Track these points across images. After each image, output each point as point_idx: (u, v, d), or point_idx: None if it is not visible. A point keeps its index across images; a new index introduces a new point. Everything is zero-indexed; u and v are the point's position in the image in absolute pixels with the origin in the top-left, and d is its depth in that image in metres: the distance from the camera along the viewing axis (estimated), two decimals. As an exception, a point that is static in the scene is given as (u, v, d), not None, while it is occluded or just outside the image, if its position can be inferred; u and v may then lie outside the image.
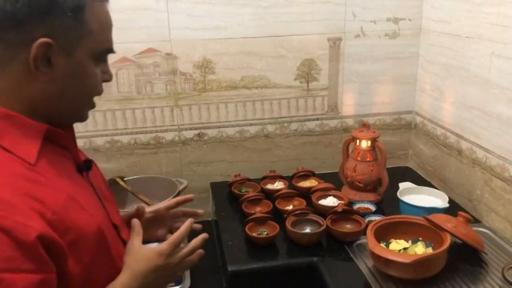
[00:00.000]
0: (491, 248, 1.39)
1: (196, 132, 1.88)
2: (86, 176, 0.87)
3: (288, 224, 1.46)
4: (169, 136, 1.87)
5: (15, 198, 0.67)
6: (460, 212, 1.36)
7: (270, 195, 1.70)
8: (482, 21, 1.49)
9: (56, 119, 0.80)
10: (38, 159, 0.74)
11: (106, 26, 0.80)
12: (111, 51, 0.82)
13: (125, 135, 1.83)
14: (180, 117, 1.85)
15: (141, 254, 0.85)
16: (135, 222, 0.91)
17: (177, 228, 0.94)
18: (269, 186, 1.78)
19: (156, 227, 1.10)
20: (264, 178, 1.84)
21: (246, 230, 1.47)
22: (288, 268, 1.40)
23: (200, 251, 0.94)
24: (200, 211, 1.14)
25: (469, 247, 1.30)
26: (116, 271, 0.84)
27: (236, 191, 1.75)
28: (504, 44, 1.40)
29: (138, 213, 1.04)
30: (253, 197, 1.65)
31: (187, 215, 1.13)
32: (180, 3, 1.70)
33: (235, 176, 1.83)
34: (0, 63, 0.74)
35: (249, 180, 1.82)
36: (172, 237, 0.88)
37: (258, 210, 1.57)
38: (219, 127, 1.89)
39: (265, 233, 1.48)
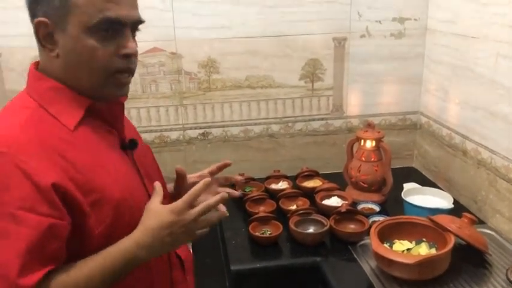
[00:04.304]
0: (495, 250, 1.38)
1: (200, 131, 1.88)
2: (130, 154, 0.93)
3: (291, 224, 1.46)
4: (173, 135, 1.87)
5: (43, 151, 0.76)
6: (465, 213, 1.36)
7: (274, 195, 1.70)
8: (488, 21, 1.48)
9: (86, 93, 0.85)
10: (78, 128, 0.83)
11: None
12: (111, 21, 0.80)
13: (130, 134, 1.83)
14: (185, 117, 1.85)
15: (155, 211, 0.87)
16: (156, 183, 0.93)
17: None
18: (273, 186, 1.78)
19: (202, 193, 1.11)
20: (268, 178, 1.84)
21: (250, 229, 1.47)
22: (291, 268, 1.40)
23: (223, 211, 0.94)
24: (241, 178, 1.18)
25: (473, 248, 1.30)
26: None
27: (240, 190, 1.75)
28: (510, 44, 1.39)
29: (179, 175, 1.09)
30: (257, 197, 1.65)
31: (229, 180, 1.17)
32: (185, 3, 1.71)
33: (239, 174, 1.83)
34: (38, 46, 0.85)
35: (253, 179, 1.82)
36: (186, 195, 0.87)
37: (262, 210, 1.57)
38: (224, 126, 1.89)
39: (269, 232, 1.48)
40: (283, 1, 1.76)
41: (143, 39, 1.78)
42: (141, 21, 0.86)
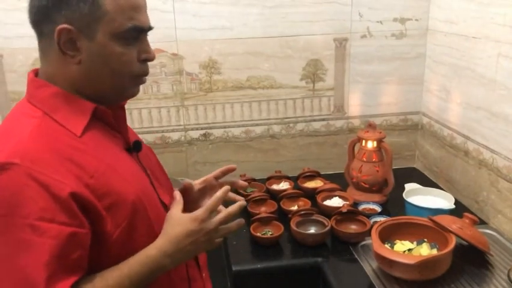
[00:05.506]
0: (497, 250, 1.38)
1: (202, 132, 1.89)
2: (136, 156, 0.94)
3: (292, 224, 1.47)
4: (175, 136, 1.87)
5: (55, 160, 0.76)
6: (466, 214, 1.35)
7: (275, 196, 1.70)
8: (489, 21, 1.48)
9: (102, 99, 0.86)
10: (84, 133, 0.82)
11: (125, 5, 0.81)
12: (138, 29, 0.83)
13: (131, 134, 1.84)
14: (186, 117, 1.86)
15: (177, 219, 0.88)
16: (176, 193, 0.95)
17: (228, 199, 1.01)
18: (274, 187, 1.79)
19: (207, 197, 1.13)
20: (269, 178, 1.84)
21: (251, 229, 1.47)
22: (292, 268, 1.40)
23: (239, 219, 0.94)
24: (244, 183, 1.17)
25: (475, 249, 1.30)
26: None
27: (241, 191, 1.75)
28: (511, 44, 1.39)
29: (186, 189, 1.08)
30: (258, 197, 1.65)
31: (233, 184, 1.15)
32: (186, 4, 1.71)
33: (240, 176, 1.83)
34: (45, 52, 0.84)
35: (255, 180, 1.82)
36: (207, 203, 0.89)
37: (263, 210, 1.57)
38: (225, 127, 1.90)
39: (270, 233, 1.48)
40: (284, 2, 1.76)
41: (144, 40, 1.80)
42: (151, 28, 0.89)
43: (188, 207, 1.11)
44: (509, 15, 1.39)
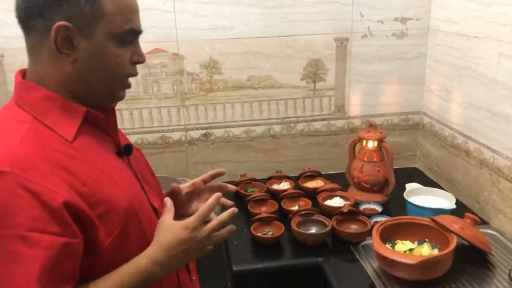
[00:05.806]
0: (498, 250, 1.38)
1: (202, 132, 1.89)
2: (127, 160, 0.92)
3: (293, 224, 1.46)
4: (175, 136, 1.87)
5: (47, 167, 0.73)
6: (467, 214, 1.35)
7: (276, 196, 1.70)
8: (490, 21, 1.48)
9: (92, 101, 0.84)
10: (76, 138, 0.80)
11: (124, 7, 0.81)
12: (134, 32, 0.83)
13: (132, 135, 1.84)
14: (187, 117, 1.86)
15: (169, 227, 0.87)
16: (167, 199, 0.94)
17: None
18: (275, 187, 1.78)
19: (194, 201, 1.12)
20: (270, 178, 1.84)
21: (251, 230, 1.47)
22: (292, 268, 1.40)
23: (230, 226, 0.94)
24: (233, 187, 1.16)
25: (476, 249, 1.29)
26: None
27: (242, 191, 1.75)
28: (512, 44, 1.39)
29: (174, 193, 1.07)
30: (258, 197, 1.65)
31: (222, 189, 1.14)
32: (187, 4, 1.71)
33: (241, 175, 1.83)
34: (35, 50, 0.81)
35: (255, 180, 1.82)
36: (199, 211, 0.88)
37: (264, 210, 1.57)
38: (226, 127, 1.89)
39: (271, 233, 1.48)
40: (285, 2, 1.76)
41: (145, 40, 1.78)
42: (142, 31, 0.88)
43: (176, 211, 1.10)
44: (511, 15, 1.38)
